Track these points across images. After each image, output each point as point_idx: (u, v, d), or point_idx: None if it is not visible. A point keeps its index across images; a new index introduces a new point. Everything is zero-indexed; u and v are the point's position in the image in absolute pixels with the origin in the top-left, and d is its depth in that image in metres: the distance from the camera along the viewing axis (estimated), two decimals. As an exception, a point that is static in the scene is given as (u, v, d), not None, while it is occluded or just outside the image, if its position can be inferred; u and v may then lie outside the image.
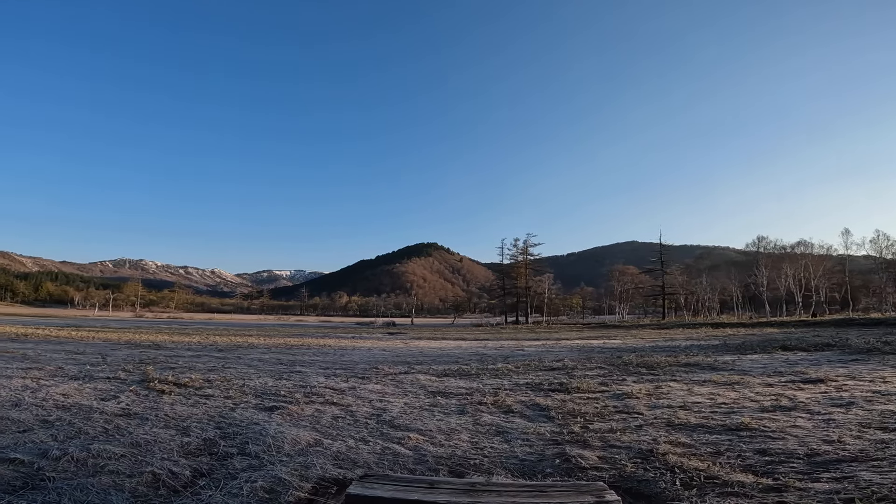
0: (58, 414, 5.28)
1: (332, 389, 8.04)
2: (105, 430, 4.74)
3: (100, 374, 8.68)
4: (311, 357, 14.71)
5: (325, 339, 26.49)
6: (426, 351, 18.71)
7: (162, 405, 6.14)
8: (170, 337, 23.60)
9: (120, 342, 18.31)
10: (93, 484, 3.23)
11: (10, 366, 9.22)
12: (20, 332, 21.65)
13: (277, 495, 3.26)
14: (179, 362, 11.55)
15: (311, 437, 4.82)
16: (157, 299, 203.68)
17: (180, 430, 4.91)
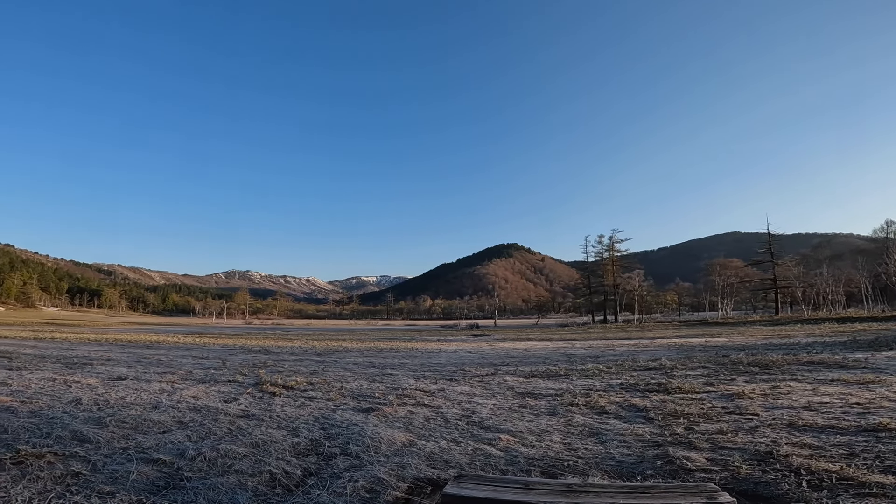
0: (190, 416, 5.92)
1: (422, 391, 8.27)
2: (229, 431, 5.23)
3: (221, 377, 9.72)
4: (400, 360, 15.24)
5: (412, 343, 27.26)
6: (511, 352, 18.55)
7: (274, 407, 6.71)
8: (275, 342, 25.77)
9: (235, 347, 20.36)
10: (222, 483, 3.52)
11: (147, 371, 10.62)
12: (153, 340, 24.91)
13: (377, 495, 3.42)
14: (285, 366, 12.57)
15: (405, 438, 4.99)
16: (262, 307, 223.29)
17: (290, 431, 5.30)
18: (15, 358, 11.76)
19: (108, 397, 6.72)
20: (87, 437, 4.52)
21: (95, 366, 10.95)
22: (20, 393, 6.74)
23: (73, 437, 4.52)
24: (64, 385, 7.63)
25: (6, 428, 4.70)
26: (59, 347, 16.96)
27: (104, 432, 4.74)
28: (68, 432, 4.67)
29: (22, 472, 3.43)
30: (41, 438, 4.43)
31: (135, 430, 4.97)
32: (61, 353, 14.40)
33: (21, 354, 12.92)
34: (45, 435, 4.56)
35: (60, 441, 4.37)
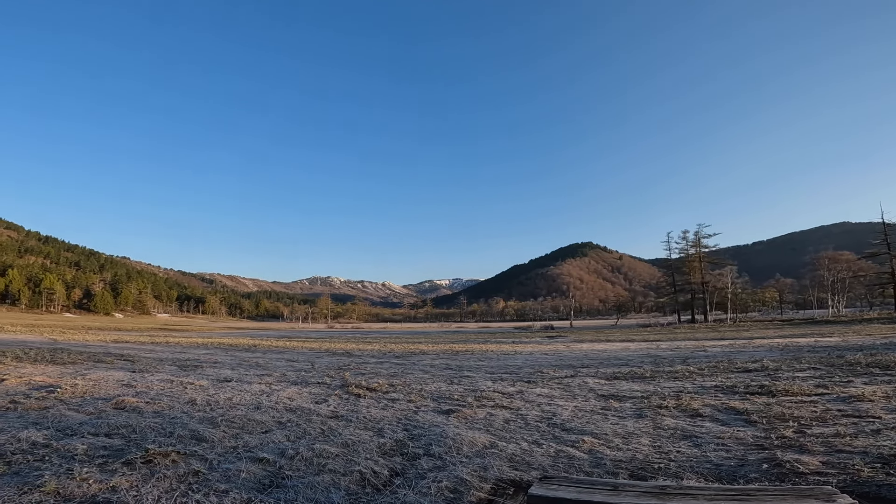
0: (287, 416, 6.36)
1: (500, 393, 8.27)
2: (322, 431, 5.54)
3: (312, 379, 10.37)
4: (476, 362, 15.30)
5: (487, 345, 27.24)
6: (591, 354, 17.96)
7: (360, 408, 7.03)
8: (356, 345, 26.99)
9: (321, 351, 21.61)
10: (318, 482, 3.72)
11: (248, 373, 11.55)
12: (250, 344, 27.09)
13: (460, 495, 3.47)
14: (367, 368, 13.13)
15: (486, 440, 5.03)
16: (342, 311, 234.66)
17: (376, 432, 5.51)
18: (137, 361, 13.36)
19: (217, 398, 7.42)
20: (204, 437, 4.99)
21: (205, 368, 12.14)
22: (144, 394, 7.62)
23: (192, 437, 5.00)
24: (180, 386, 8.54)
25: (135, 428, 5.29)
26: (172, 351, 19.00)
27: (217, 432, 5.23)
28: (187, 431, 5.19)
29: (151, 470, 3.77)
30: (165, 438, 4.92)
31: (241, 430, 5.42)
32: (175, 356, 16.13)
33: (141, 358, 14.65)
34: (167, 434, 5.07)
35: (181, 440, 4.84)
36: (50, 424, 5.23)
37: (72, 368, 10.88)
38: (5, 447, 4.17)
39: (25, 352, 14.95)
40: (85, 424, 5.30)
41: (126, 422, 5.48)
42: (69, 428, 5.11)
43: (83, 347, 18.99)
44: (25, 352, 14.95)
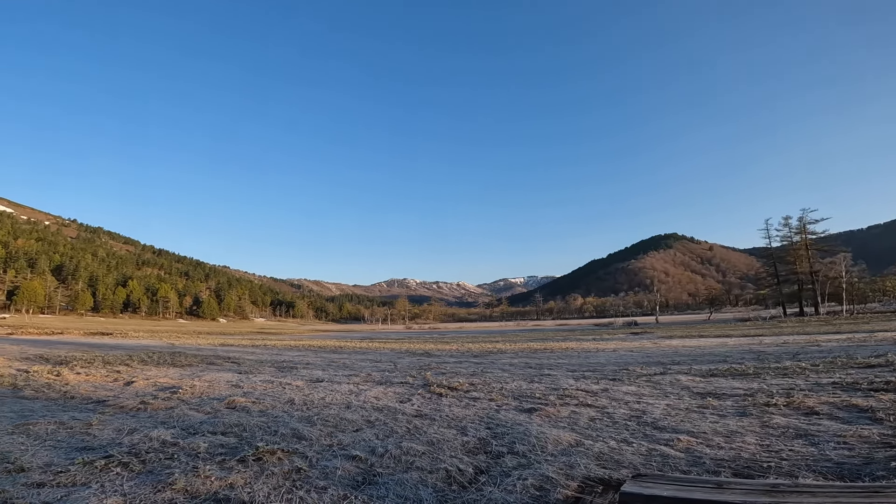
0: (375, 415, 6.64)
1: (583, 391, 8.07)
2: (408, 430, 5.73)
3: (395, 379, 10.77)
4: (556, 360, 14.99)
5: (567, 343, 26.56)
6: (681, 350, 16.87)
7: (442, 406, 7.19)
8: (434, 345, 27.55)
9: (402, 351, 22.32)
10: (407, 479, 3.85)
11: (337, 374, 12.24)
12: (337, 345, 28.65)
13: (546, 493, 3.46)
14: (447, 368, 13.37)
15: (571, 438, 4.94)
16: (419, 312, 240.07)
17: (459, 430, 5.60)
18: (241, 363, 14.69)
19: (312, 398, 7.96)
20: (303, 435, 5.37)
21: (299, 369, 13.07)
22: (250, 394, 8.36)
23: (293, 435, 5.38)
24: (279, 387, 9.28)
25: (245, 426, 5.79)
26: (270, 353, 20.65)
27: (314, 430, 5.60)
28: (289, 430, 5.60)
29: (261, 468, 4.08)
30: (270, 436, 5.32)
31: (335, 429, 5.76)
32: (272, 358, 17.51)
33: (245, 360, 16.08)
34: (272, 433, 5.49)
35: (284, 438, 5.21)
36: (175, 424, 5.87)
37: (189, 370, 12.21)
38: (140, 446, 4.71)
39: (149, 355, 17.01)
40: (204, 423, 5.90)
41: (237, 421, 6.03)
42: (191, 427, 5.71)
43: (196, 351, 21.21)
44: (149, 355, 17.01)
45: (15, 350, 18.75)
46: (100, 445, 4.68)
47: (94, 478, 3.63)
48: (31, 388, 8.63)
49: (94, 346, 23.45)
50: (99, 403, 7.24)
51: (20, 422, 5.60)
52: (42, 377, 9.90)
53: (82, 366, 12.61)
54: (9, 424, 5.46)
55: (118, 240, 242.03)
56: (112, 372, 11.21)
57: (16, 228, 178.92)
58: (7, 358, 14.58)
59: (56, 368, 11.53)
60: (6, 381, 9.31)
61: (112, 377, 10.28)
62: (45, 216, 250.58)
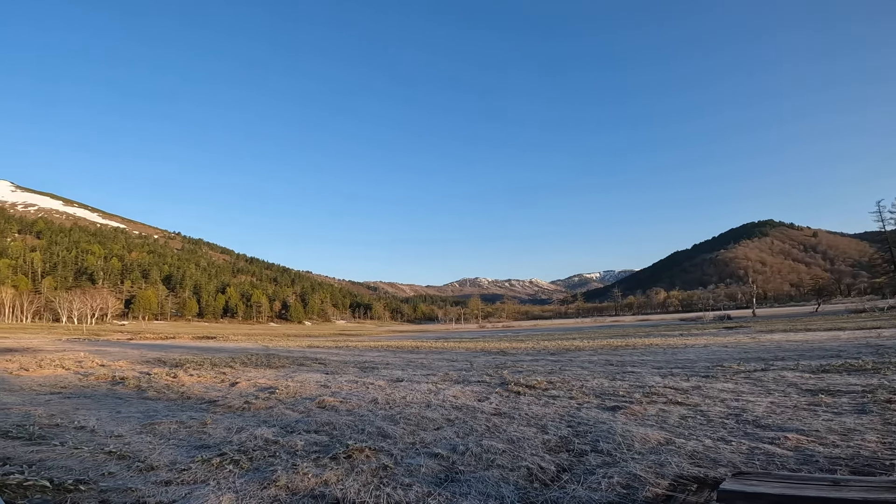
0: (455, 413, 6.77)
1: (672, 389, 7.70)
2: (487, 428, 5.78)
3: (472, 378, 10.88)
4: (639, 357, 14.32)
5: (650, 339, 25.24)
6: (784, 345, 15.41)
7: (521, 405, 7.17)
8: (509, 344, 27.37)
9: (477, 350, 22.45)
10: (488, 477, 3.91)
11: (416, 373, 12.59)
12: (413, 346, 29.42)
13: (634, 491, 3.38)
14: (523, 366, 13.25)
15: (660, 437, 4.76)
16: (492, 311, 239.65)
17: (539, 428, 5.58)
18: (328, 364, 15.60)
19: (394, 397, 8.27)
20: (388, 433, 5.60)
21: (380, 369, 13.63)
22: (337, 394, 8.86)
23: (378, 433, 5.63)
24: (363, 387, 9.74)
25: (335, 425, 6.15)
26: (352, 354, 21.72)
27: (397, 429, 5.82)
28: (374, 428, 5.87)
29: (351, 465, 4.30)
30: (358, 434, 5.61)
31: (417, 427, 5.95)
32: (355, 358, 18.41)
33: (331, 361, 17.05)
34: (360, 431, 5.78)
35: (371, 437, 5.47)
36: (275, 423, 6.36)
37: (282, 371, 13.20)
38: (247, 444, 5.14)
39: (248, 357, 18.59)
40: (300, 422, 6.34)
41: (328, 419, 6.43)
42: (289, 425, 6.15)
43: (287, 353, 22.85)
44: (248, 357, 18.59)
45: (136, 354, 21.32)
46: (214, 444, 5.17)
47: (211, 475, 4.01)
48: (153, 389, 9.79)
49: (201, 350, 26.05)
50: (210, 403, 8.04)
51: (147, 421, 6.35)
52: (161, 379, 11.19)
53: (194, 368, 14.09)
54: (137, 424, 6.21)
55: (216, 250, 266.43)
56: (219, 374, 12.40)
57: (129, 242, 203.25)
58: (131, 362, 16.63)
59: (172, 371, 12.98)
60: (132, 383, 10.64)
61: (219, 379, 11.37)
62: (153, 230, 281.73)
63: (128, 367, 14.56)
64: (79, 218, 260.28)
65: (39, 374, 12.29)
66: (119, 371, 12.91)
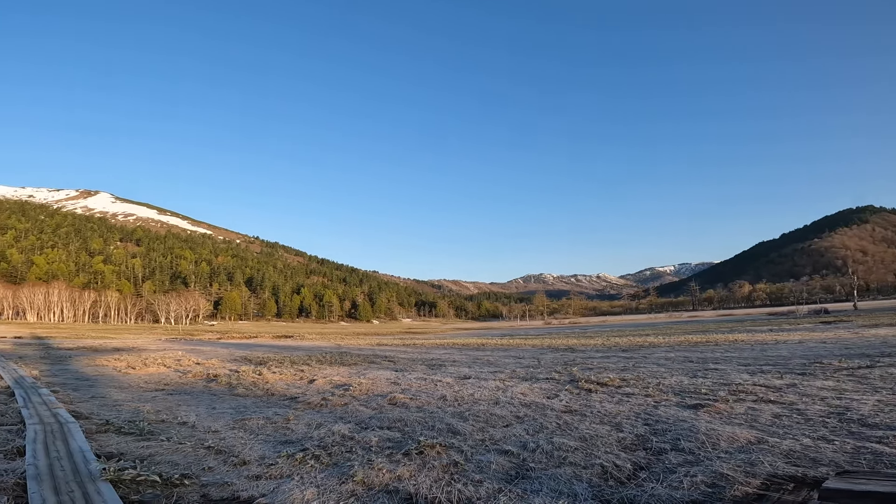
0: (524, 411, 6.73)
1: (763, 387, 7.19)
2: (558, 426, 5.70)
3: (540, 375, 10.73)
4: (722, 354, 13.41)
5: (735, 335, 23.56)
6: (891, 340, 14.09)
7: (592, 402, 6.98)
8: (577, 340, 26.65)
9: (544, 347, 22.08)
10: (560, 474, 3.88)
11: (483, 370, 12.63)
12: (479, 343, 29.46)
13: (721, 490, 3.22)
14: (594, 363, 12.86)
15: (749, 435, 4.49)
16: (558, 307, 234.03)
17: (614, 426, 5.42)
18: (397, 362, 16.06)
19: (462, 394, 8.36)
20: (457, 430, 5.67)
21: (447, 367, 13.83)
22: (407, 391, 9.10)
23: (448, 430, 5.71)
24: (431, 384, 9.93)
25: (406, 421, 6.30)
26: (419, 352, 22.19)
27: (466, 425, 5.88)
28: (444, 425, 5.96)
29: (423, 461, 4.39)
30: (428, 430, 5.72)
31: (486, 424, 5.98)
32: (422, 356, 18.81)
33: (399, 359, 17.54)
34: (430, 427, 5.90)
35: (441, 433, 5.56)
36: (350, 419, 6.64)
37: (355, 369, 13.78)
38: (326, 440, 5.40)
39: (323, 356, 19.59)
40: (373, 419, 6.59)
41: (399, 416, 6.61)
42: (363, 422, 6.41)
43: (358, 351, 23.82)
44: (323, 356, 19.59)
45: (225, 353, 23.21)
46: (297, 439, 5.49)
47: (295, 470, 4.24)
48: (242, 386, 10.62)
49: (281, 349, 27.84)
50: (292, 400, 8.56)
51: (238, 417, 6.87)
52: (248, 377, 12.09)
53: (276, 366, 15.09)
54: (230, 420, 6.74)
55: (290, 252, 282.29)
56: (298, 371, 13.19)
57: (215, 247, 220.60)
58: (221, 360, 18.12)
59: (258, 369, 13.99)
60: (223, 380, 11.59)
61: (298, 376, 12.10)
62: (235, 235, 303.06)
63: (219, 365, 15.86)
64: (171, 225, 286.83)
65: (145, 372, 13.73)
66: (212, 369, 14.10)
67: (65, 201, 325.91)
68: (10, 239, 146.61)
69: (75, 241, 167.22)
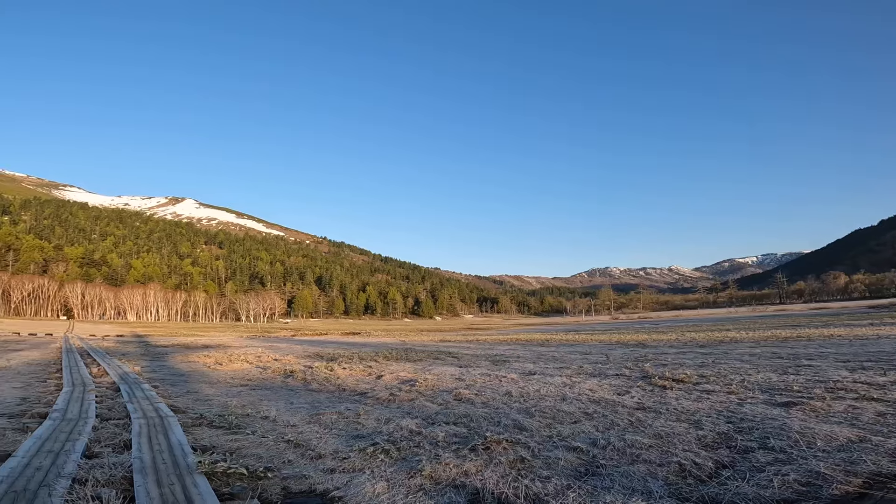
0: (593, 407, 6.55)
1: (864, 384, 6.58)
2: (630, 423, 5.51)
3: (609, 371, 10.37)
4: (816, 349, 12.27)
5: (830, 329, 21.57)
6: None
7: (668, 399, 6.66)
8: (648, 336, 25.41)
9: (612, 343, 21.30)
10: (633, 471, 3.76)
11: (548, 366, 12.41)
12: (542, 339, 28.97)
13: (817, 489, 3.02)
14: (668, 359, 12.22)
15: (850, 434, 4.17)
16: (626, 302, 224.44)
17: (692, 424, 5.14)
18: (460, 358, 16.17)
19: (527, 390, 8.27)
20: (523, 426, 5.62)
21: (511, 363, 13.73)
22: (472, 387, 9.13)
23: (514, 426, 5.67)
24: (496, 380, 9.91)
25: (472, 417, 6.32)
26: (482, 348, 22.21)
27: (533, 421, 5.82)
28: (510, 421, 5.93)
29: (489, 456, 4.39)
30: (494, 426, 5.70)
31: (553, 420, 5.88)
32: (485, 352, 18.81)
33: (463, 355, 17.65)
34: (496, 423, 5.88)
35: (507, 429, 5.53)
36: (417, 414, 6.75)
37: (420, 365, 14.05)
38: (395, 434, 5.53)
39: (389, 352, 20.16)
40: (439, 414, 6.67)
41: (465, 412, 6.65)
42: (429, 417, 6.50)
43: (422, 347, 24.26)
44: (389, 352, 20.16)
45: (300, 350, 24.54)
46: (367, 434, 5.66)
47: (366, 464, 4.37)
48: (315, 381, 11.16)
49: (350, 345, 29.01)
50: (361, 395, 8.88)
51: (313, 412, 7.20)
52: (321, 372, 12.71)
53: (346, 362, 15.74)
54: (306, 414, 7.08)
55: (355, 251, 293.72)
56: (366, 367, 13.68)
57: (288, 248, 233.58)
58: (296, 356, 19.20)
59: (329, 365, 14.66)
60: (299, 376, 12.26)
61: (367, 372, 12.55)
62: (305, 236, 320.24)
63: (295, 361, 16.80)
64: (248, 228, 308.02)
65: (230, 369, 14.84)
66: (288, 365, 14.97)
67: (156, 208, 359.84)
68: (110, 245, 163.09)
69: (166, 245, 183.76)
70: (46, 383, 10.78)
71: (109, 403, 7.72)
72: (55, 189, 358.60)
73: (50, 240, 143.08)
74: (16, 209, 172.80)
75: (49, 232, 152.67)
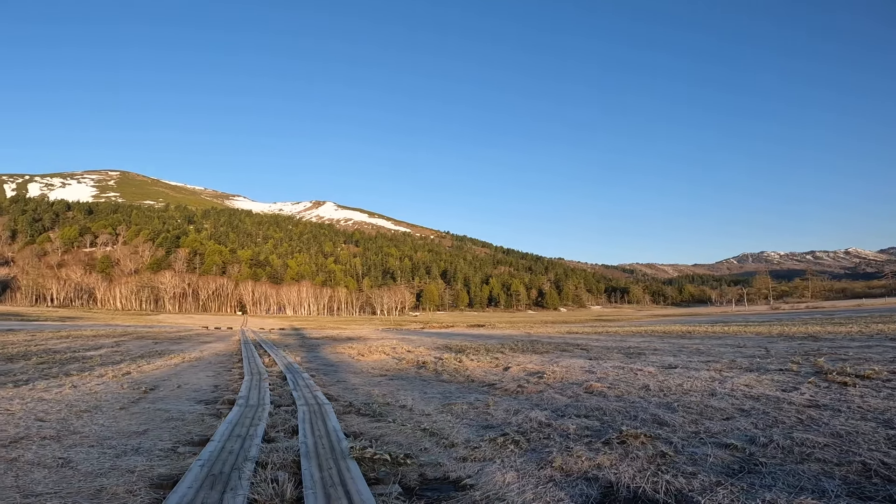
0: (750, 404, 5.88)
1: None
2: (799, 420, 4.87)
3: (770, 366, 9.10)
4: None
5: None
6: None
7: (848, 397, 5.76)
8: (821, 328, 21.71)
9: (772, 335, 18.59)
10: (802, 470, 3.41)
11: (691, 360, 11.29)
12: (683, 330, 26.41)
13: None
14: (848, 353, 10.36)
15: None
16: (789, 290, 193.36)
17: (881, 423, 4.54)
18: (590, 350, 15.53)
19: (668, 384, 7.66)
20: (664, 421, 5.27)
21: (647, 355, 12.79)
22: (604, 380, 8.72)
23: (653, 420, 5.35)
24: (631, 373, 9.32)
25: (604, 410, 6.10)
26: (613, 340, 21.05)
27: (676, 417, 5.40)
28: (648, 415, 5.60)
29: (625, 450, 4.23)
30: (630, 420, 5.45)
31: (700, 416, 5.40)
32: (617, 344, 17.79)
33: (592, 346, 16.93)
34: (632, 417, 5.60)
35: (644, 423, 5.24)
36: (546, 406, 6.69)
37: (547, 357, 13.84)
38: (524, 426, 5.56)
39: (515, 344, 20.22)
40: (569, 407, 6.54)
41: (597, 405, 6.43)
42: (559, 409, 6.41)
43: (548, 339, 23.86)
44: (515, 344, 20.22)
45: (429, 342, 25.81)
46: (497, 424, 5.79)
47: (496, 454, 4.47)
48: (446, 372, 11.69)
49: (475, 337, 29.74)
50: (490, 387, 9.07)
51: (445, 402, 7.54)
52: (450, 364, 13.25)
53: (473, 353, 16.20)
54: (439, 404, 7.43)
55: (477, 244, 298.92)
56: (493, 359, 13.91)
57: (414, 244, 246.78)
58: (427, 348, 20.26)
59: (458, 356, 15.23)
60: (430, 367, 12.94)
61: (493, 363, 12.75)
62: (429, 231, 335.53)
63: (426, 352, 17.78)
64: (379, 227, 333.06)
65: (370, 359, 16.27)
66: (420, 356, 15.90)
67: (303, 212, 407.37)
68: (270, 247, 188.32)
69: (313, 245, 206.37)
70: (231, 372, 12.92)
71: (279, 391, 8.91)
72: (226, 199, 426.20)
73: (226, 244, 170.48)
74: (199, 219, 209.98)
75: (225, 238, 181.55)
